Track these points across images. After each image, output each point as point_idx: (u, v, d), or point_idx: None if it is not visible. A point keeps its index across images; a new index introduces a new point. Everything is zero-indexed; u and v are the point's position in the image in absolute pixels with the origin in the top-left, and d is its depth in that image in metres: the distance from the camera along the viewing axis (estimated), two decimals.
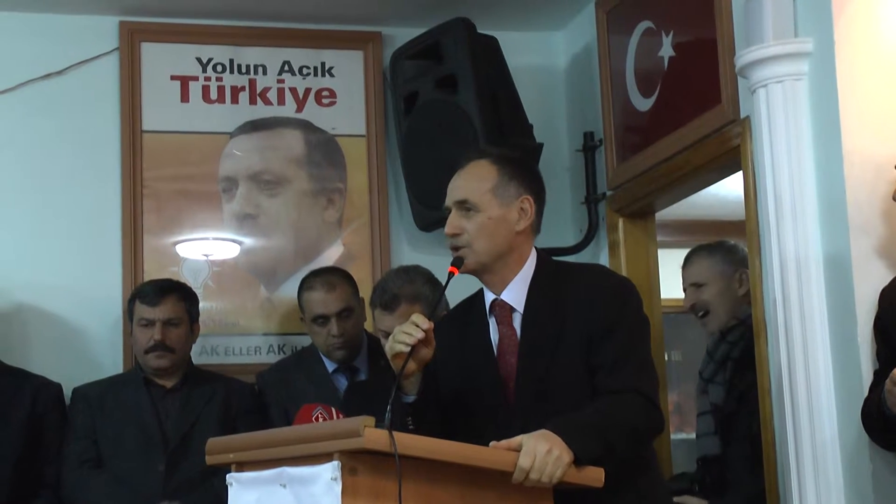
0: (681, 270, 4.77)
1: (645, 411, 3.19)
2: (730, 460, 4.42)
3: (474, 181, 3.32)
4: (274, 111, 5.62)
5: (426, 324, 3.13)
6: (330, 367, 4.89)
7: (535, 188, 3.40)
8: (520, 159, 3.47)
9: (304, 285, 4.94)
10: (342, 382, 4.87)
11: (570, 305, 3.28)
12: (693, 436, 4.95)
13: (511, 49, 5.47)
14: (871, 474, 3.67)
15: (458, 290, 3.43)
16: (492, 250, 3.30)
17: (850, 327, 3.73)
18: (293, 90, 5.65)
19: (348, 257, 5.55)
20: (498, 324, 3.36)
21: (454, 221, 3.30)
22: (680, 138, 4.79)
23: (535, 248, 3.41)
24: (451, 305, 3.72)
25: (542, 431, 2.98)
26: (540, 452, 2.92)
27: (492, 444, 2.96)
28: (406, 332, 3.12)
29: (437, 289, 4.17)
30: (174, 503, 4.57)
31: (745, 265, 4.47)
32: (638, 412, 3.17)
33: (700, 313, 4.66)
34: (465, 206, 3.29)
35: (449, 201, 3.33)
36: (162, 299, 4.80)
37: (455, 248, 3.30)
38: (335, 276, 4.95)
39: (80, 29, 5.48)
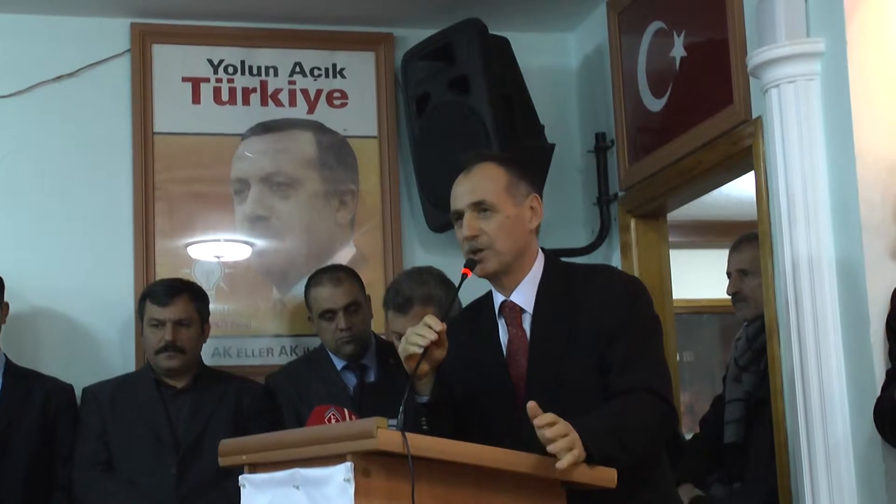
0: (732, 253, 4.74)
1: (658, 410, 3.17)
2: (751, 447, 4.43)
3: (486, 182, 3.30)
4: (285, 113, 5.63)
5: (439, 325, 3.12)
6: (339, 364, 4.91)
7: (539, 187, 3.43)
8: (520, 160, 3.48)
9: (311, 282, 4.98)
10: (351, 380, 4.89)
11: (579, 305, 3.28)
12: None
13: (523, 50, 5.47)
14: (884, 474, 3.66)
15: (470, 291, 3.42)
16: (512, 250, 3.29)
17: (862, 327, 3.73)
18: (304, 91, 5.65)
19: (360, 259, 5.56)
20: (507, 325, 3.35)
21: (472, 224, 3.27)
22: (692, 139, 4.79)
23: (542, 248, 3.41)
24: (463, 306, 3.72)
25: None
26: (559, 431, 2.91)
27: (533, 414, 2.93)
28: (419, 334, 3.11)
29: (450, 290, 4.17)
30: None
31: None
32: (651, 411, 3.16)
33: (739, 301, 4.65)
34: (481, 206, 3.28)
35: (461, 204, 3.31)
36: (173, 299, 4.80)
37: (475, 251, 3.27)
38: (341, 271, 5.00)
39: (92, 31, 5.49)
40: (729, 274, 4.73)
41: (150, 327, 4.80)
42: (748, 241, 4.65)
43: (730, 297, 4.72)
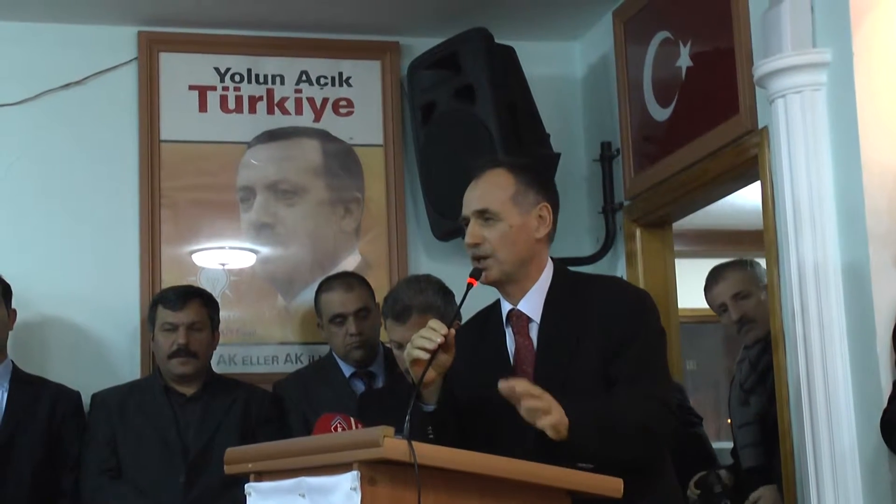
0: (714, 286, 4.75)
1: (659, 413, 3.16)
2: (776, 470, 4.42)
3: (493, 190, 3.30)
4: (292, 121, 5.64)
5: (444, 328, 3.11)
6: (347, 372, 4.91)
7: (551, 195, 3.39)
8: (534, 167, 3.46)
9: (322, 287, 5.00)
10: (360, 388, 4.88)
11: (586, 316, 3.27)
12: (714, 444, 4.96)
13: (528, 59, 5.47)
14: (891, 484, 3.66)
15: (473, 300, 3.41)
16: (515, 259, 3.28)
17: (868, 337, 3.73)
18: (311, 100, 5.66)
19: (365, 266, 5.55)
20: (514, 334, 3.35)
21: (475, 231, 3.27)
22: (697, 148, 4.79)
23: (551, 258, 3.41)
24: (465, 316, 3.70)
25: None
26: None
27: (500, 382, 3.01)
28: (425, 338, 3.10)
29: (449, 299, 4.17)
30: None
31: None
32: (651, 411, 3.14)
33: (747, 323, 4.64)
34: (485, 215, 3.27)
35: (467, 211, 3.31)
36: (186, 304, 4.81)
37: (478, 259, 3.27)
38: (353, 277, 5.03)
39: (99, 39, 5.50)
40: (722, 307, 4.72)
41: (163, 332, 4.80)
42: (728, 268, 4.68)
43: (733, 326, 4.70)
